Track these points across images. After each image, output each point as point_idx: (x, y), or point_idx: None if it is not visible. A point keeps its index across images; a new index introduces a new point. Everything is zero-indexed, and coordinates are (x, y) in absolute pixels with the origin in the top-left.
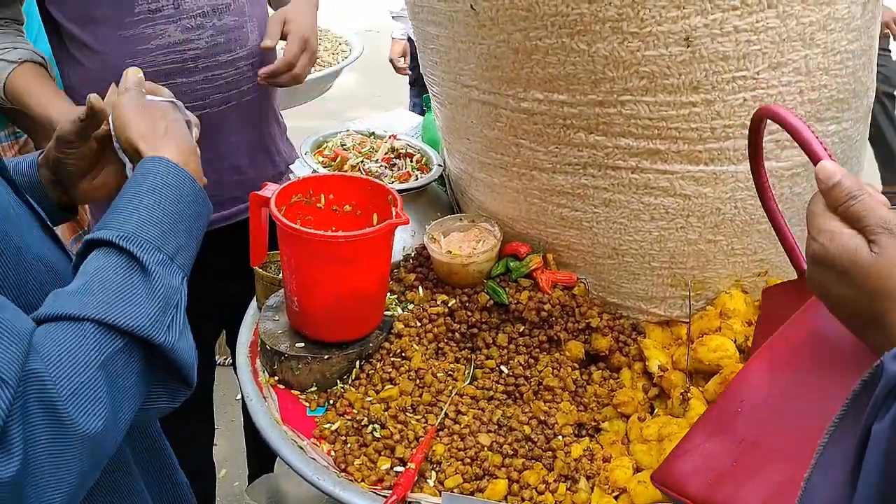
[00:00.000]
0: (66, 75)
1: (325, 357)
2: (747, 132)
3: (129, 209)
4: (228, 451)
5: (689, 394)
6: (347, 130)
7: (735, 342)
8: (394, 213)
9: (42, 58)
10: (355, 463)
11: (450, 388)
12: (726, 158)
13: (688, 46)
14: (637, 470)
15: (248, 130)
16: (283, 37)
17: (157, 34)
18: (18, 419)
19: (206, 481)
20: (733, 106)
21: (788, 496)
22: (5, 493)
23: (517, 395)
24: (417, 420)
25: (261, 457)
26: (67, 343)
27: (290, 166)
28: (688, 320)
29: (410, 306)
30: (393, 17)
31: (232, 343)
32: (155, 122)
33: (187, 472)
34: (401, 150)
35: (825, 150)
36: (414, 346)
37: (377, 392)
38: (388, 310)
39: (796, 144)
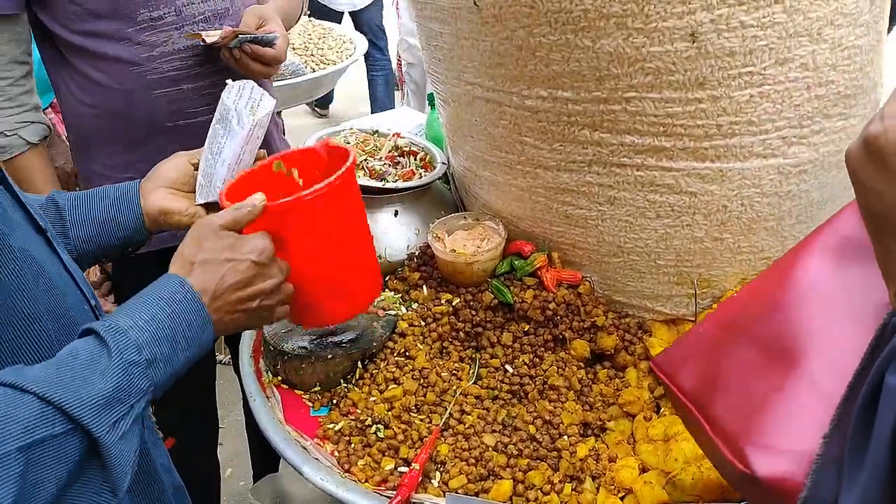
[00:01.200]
0: (64, 83)
1: (329, 357)
2: (754, 129)
3: (130, 311)
4: (234, 451)
5: None
6: (351, 128)
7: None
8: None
9: (48, 128)
10: (359, 463)
11: (454, 387)
12: (732, 155)
13: (693, 42)
14: (643, 470)
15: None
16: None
17: (160, 41)
18: None
19: (211, 481)
20: (740, 102)
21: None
22: None
23: (522, 394)
24: (421, 420)
25: (265, 456)
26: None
27: None
28: (694, 318)
29: (414, 305)
30: None
31: (231, 341)
32: (211, 253)
33: (192, 472)
34: (404, 148)
35: None
36: (418, 345)
37: (381, 392)
38: (391, 309)
39: (803, 141)
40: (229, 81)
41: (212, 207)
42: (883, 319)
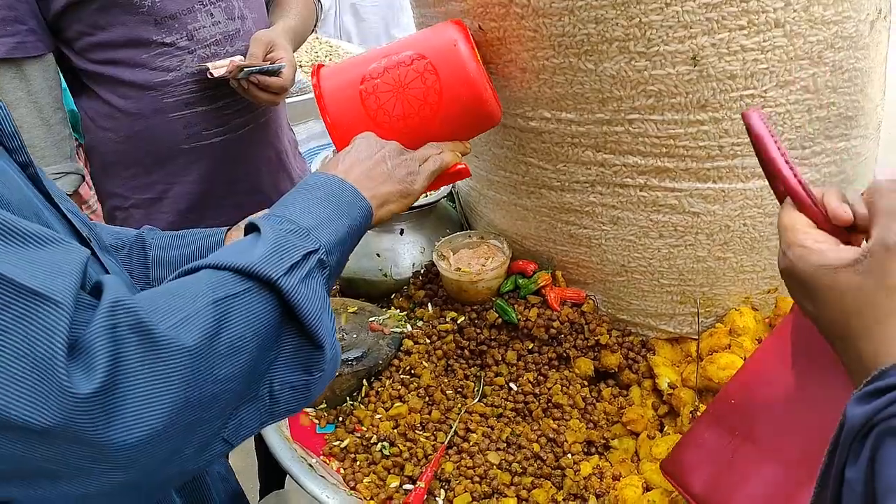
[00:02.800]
0: (84, 110)
1: (336, 374)
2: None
3: (275, 205)
4: (240, 466)
5: (698, 412)
6: None
7: (745, 359)
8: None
9: (81, 178)
10: (364, 481)
11: (459, 405)
12: (735, 176)
13: (695, 66)
14: (647, 489)
15: (266, 150)
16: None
17: (174, 66)
18: (104, 339)
19: None
20: (741, 124)
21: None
22: (90, 405)
23: (526, 412)
24: (426, 438)
25: (272, 473)
26: (175, 285)
27: None
28: (697, 337)
29: (419, 323)
30: None
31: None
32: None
33: None
34: None
35: (789, 166)
36: (423, 363)
37: (386, 410)
38: (397, 326)
39: (805, 162)
40: None
41: None
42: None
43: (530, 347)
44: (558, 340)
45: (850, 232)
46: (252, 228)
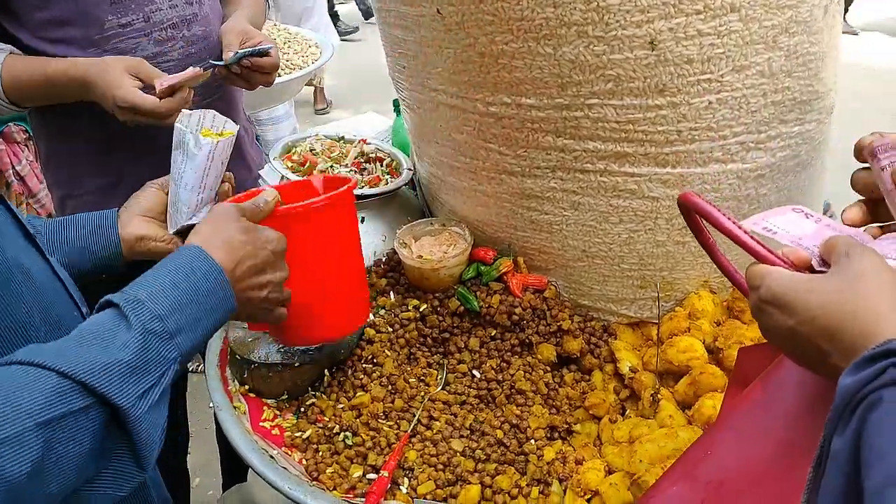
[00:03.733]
0: None
1: (297, 365)
2: (713, 134)
3: (149, 281)
4: (201, 460)
5: (658, 395)
6: (316, 135)
7: (704, 342)
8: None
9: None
10: (327, 471)
11: (422, 393)
12: (693, 161)
13: (652, 50)
14: (609, 472)
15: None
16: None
17: (130, 48)
18: None
19: (181, 490)
20: (699, 109)
21: None
22: None
23: (490, 399)
24: (390, 426)
25: (234, 466)
26: (15, 385)
27: (260, 171)
28: (657, 321)
29: (382, 312)
30: None
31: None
32: (231, 234)
33: (162, 479)
34: (370, 155)
35: (745, 231)
36: (386, 351)
37: (349, 399)
38: None
39: (760, 147)
40: (184, 110)
41: (186, 234)
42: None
43: (493, 334)
44: (521, 327)
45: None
46: (110, 305)
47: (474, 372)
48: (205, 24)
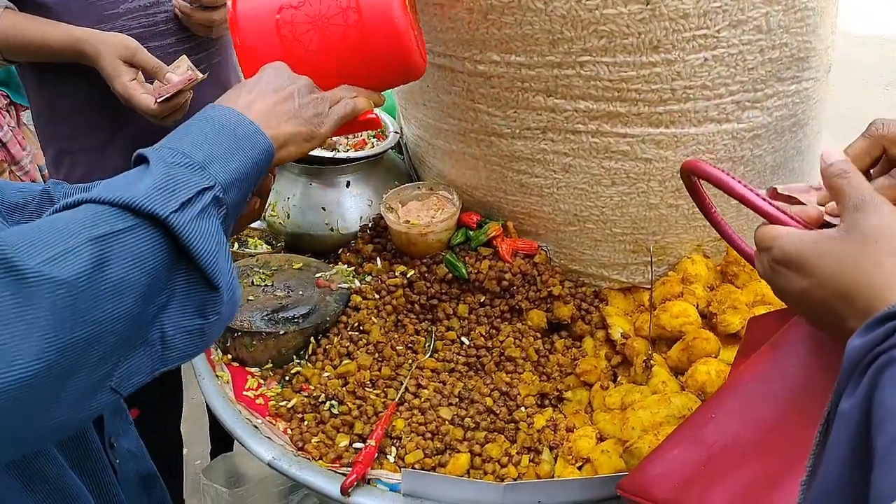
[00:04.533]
0: None
1: (281, 333)
2: (708, 93)
3: (167, 137)
4: (189, 429)
5: (651, 360)
6: None
7: (697, 307)
8: None
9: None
10: (313, 441)
11: (410, 361)
12: (687, 120)
13: (647, 4)
14: (600, 439)
15: (218, 91)
16: None
17: (111, 0)
18: None
19: (175, 456)
20: (694, 66)
21: (761, 491)
22: None
23: (479, 366)
24: (376, 395)
25: (222, 434)
26: (49, 220)
27: None
28: (650, 286)
29: (368, 278)
30: None
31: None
32: (237, 87)
33: (156, 446)
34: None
35: (756, 194)
36: (372, 318)
37: (335, 367)
38: (344, 282)
39: (756, 106)
40: None
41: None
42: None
43: (482, 300)
44: (510, 293)
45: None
46: (140, 160)
47: (463, 339)
48: None
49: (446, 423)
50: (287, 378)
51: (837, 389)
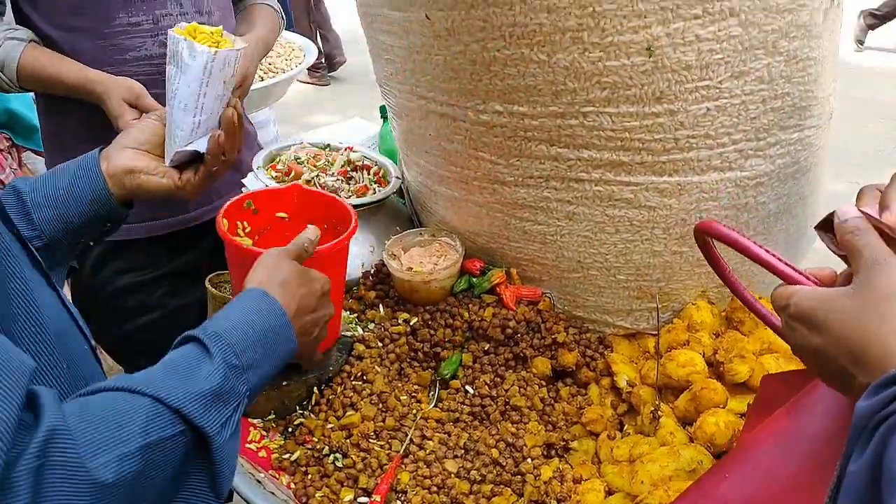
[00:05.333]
0: None
1: (284, 384)
2: (711, 142)
3: (221, 319)
4: None
5: (659, 411)
6: (301, 143)
7: (703, 355)
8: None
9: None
10: (317, 495)
11: (414, 411)
12: (690, 169)
13: (650, 56)
14: (609, 492)
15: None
16: None
17: (134, 46)
18: (28, 481)
19: None
20: (696, 116)
21: None
22: None
23: (484, 415)
24: (381, 447)
25: None
26: (112, 412)
27: (243, 179)
28: (655, 332)
29: (371, 326)
30: None
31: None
32: (286, 277)
33: None
34: (357, 163)
35: (772, 254)
36: (376, 367)
37: (338, 419)
38: (347, 330)
39: (760, 154)
40: (181, 24)
41: (185, 168)
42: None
43: (486, 348)
44: (514, 340)
45: None
46: (189, 340)
47: (467, 388)
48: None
49: (452, 475)
50: (290, 429)
51: (846, 452)
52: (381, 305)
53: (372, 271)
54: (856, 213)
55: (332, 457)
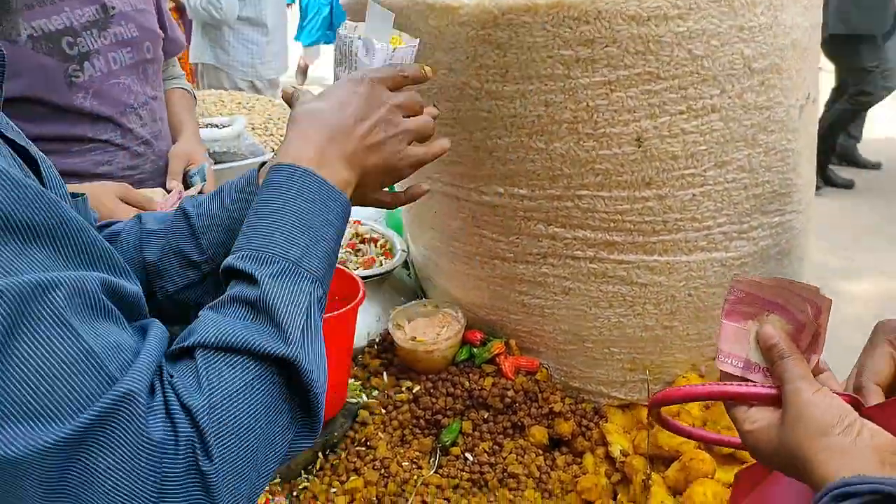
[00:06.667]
0: None
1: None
2: (697, 225)
3: (251, 228)
4: None
5: (650, 481)
6: None
7: (693, 426)
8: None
9: None
10: None
11: (415, 477)
12: (678, 249)
13: (639, 146)
14: None
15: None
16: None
17: (106, 160)
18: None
19: None
20: (683, 200)
21: None
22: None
23: (482, 482)
24: None
25: None
26: (229, 379)
27: None
28: (647, 403)
29: (375, 393)
30: None
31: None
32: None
33: None
34: (365, 236)
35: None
36: (379, 434)
37: (342, 483)
38: (352, 397)
39: (743, 236)
40: (347, 21)
41: None
42: None
43: (485, 416)
44: (513, 409)
45: None
46: (237, 275)
47: (467, 455)
48: (166, 140)
49: None
50: (295, 493)
51: None
52: (384, 373)
53: (377, 340)
54: (778, 337)
55: None
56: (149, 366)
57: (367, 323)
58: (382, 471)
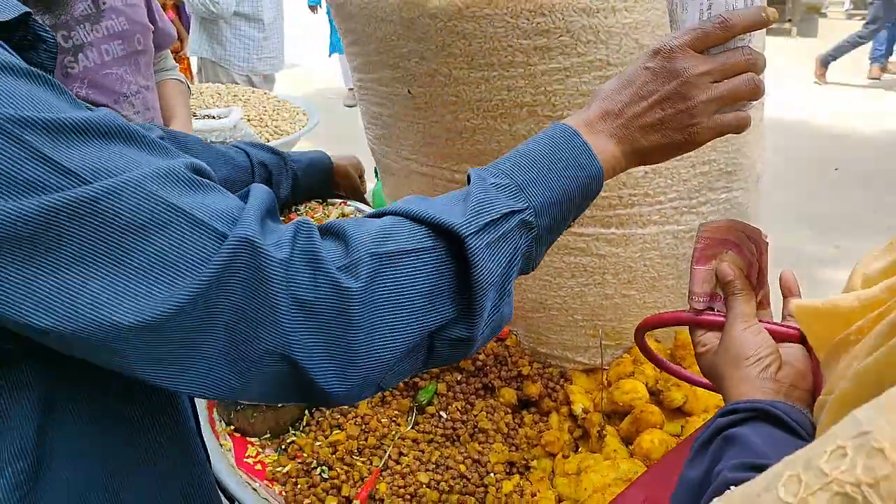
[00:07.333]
0: None
1: (279, 406)
2: (650, 200)
3: (509, 155)
4: None
5: (604, 431)
6: None
7: (647, 385)
8: None
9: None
10: (305, 502)
11: (393, 432)
12: (633, 223)
13: None
14: (559, 501)
15: None
16: None
17: None
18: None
19: None
20: (637, 178)
21: None
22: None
23: (455, 437)
24: (363, 462)
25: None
26: (388, 227)
27: None
28: (602, 366)
29: None
30: None
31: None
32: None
33: None
34: (351, 216)
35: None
36: None
37: (326, 437)
38: None
39: (693, 211)
40: None
41: None
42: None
43: (459, 379)
44: (484, 372)
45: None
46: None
47: (441, 413)
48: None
49: (424, 486)
50: (283, 447)
51: (686, 466)
52: None
53: None
54: (734, 274)
55: (319, 469)
56: (256, 210)
57: None
58: (363, 426)
